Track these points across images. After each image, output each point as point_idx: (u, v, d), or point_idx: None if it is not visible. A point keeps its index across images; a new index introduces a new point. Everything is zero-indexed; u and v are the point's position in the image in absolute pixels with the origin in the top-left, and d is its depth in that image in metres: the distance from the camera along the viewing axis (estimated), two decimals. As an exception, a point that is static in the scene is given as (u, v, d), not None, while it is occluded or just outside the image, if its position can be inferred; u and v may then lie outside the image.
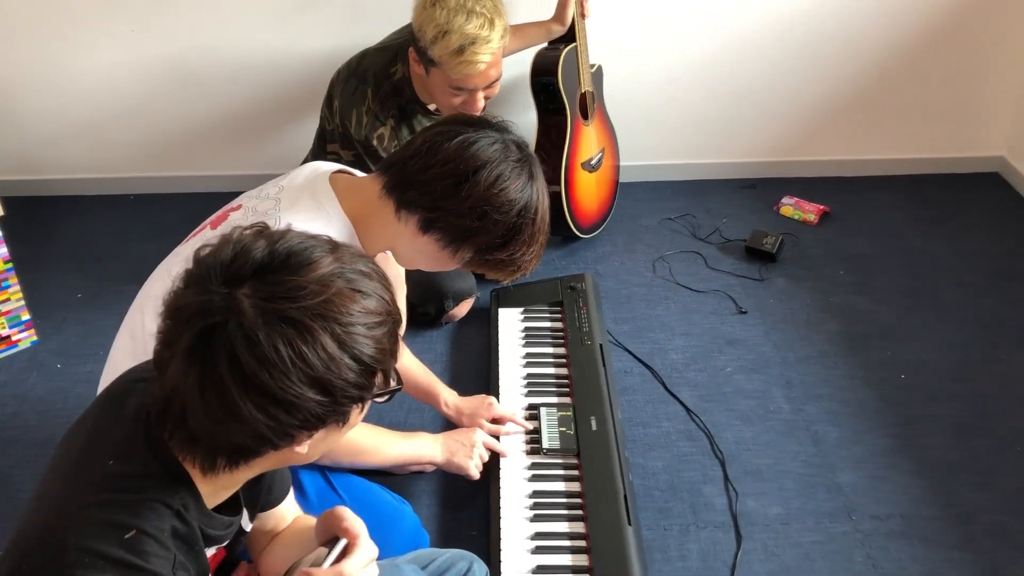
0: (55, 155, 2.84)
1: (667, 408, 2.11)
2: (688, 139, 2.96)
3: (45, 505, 0.90)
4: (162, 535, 0.88)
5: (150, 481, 0.90)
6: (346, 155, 2.15)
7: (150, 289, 1.45)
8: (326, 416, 0.88)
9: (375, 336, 0.88)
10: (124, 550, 0.85)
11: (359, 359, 0.86)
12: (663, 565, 1.73)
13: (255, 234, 0.91)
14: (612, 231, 2.75)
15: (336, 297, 0.85)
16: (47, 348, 2.25)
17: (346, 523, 1.03)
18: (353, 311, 0.86)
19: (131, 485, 0.89)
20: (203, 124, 2.81)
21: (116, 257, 2.61)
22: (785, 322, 2.39)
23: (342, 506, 1.06)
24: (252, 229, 0.92)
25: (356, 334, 0.86)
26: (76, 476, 0.91)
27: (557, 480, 1.76)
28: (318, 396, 0.85)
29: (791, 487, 1.90)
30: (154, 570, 0.85)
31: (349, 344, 0.85)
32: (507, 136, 1.36)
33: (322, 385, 0.84)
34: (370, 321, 0.88)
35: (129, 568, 0.84)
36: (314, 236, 0.92)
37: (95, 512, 0.87)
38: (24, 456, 1.94)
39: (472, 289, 2.32)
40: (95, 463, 0.91)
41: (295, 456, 0.94)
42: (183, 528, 0.91)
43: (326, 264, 0.87)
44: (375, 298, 0.89)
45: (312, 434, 0.90)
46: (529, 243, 1.37)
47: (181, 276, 0.89)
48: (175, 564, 0.88)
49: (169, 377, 0.84)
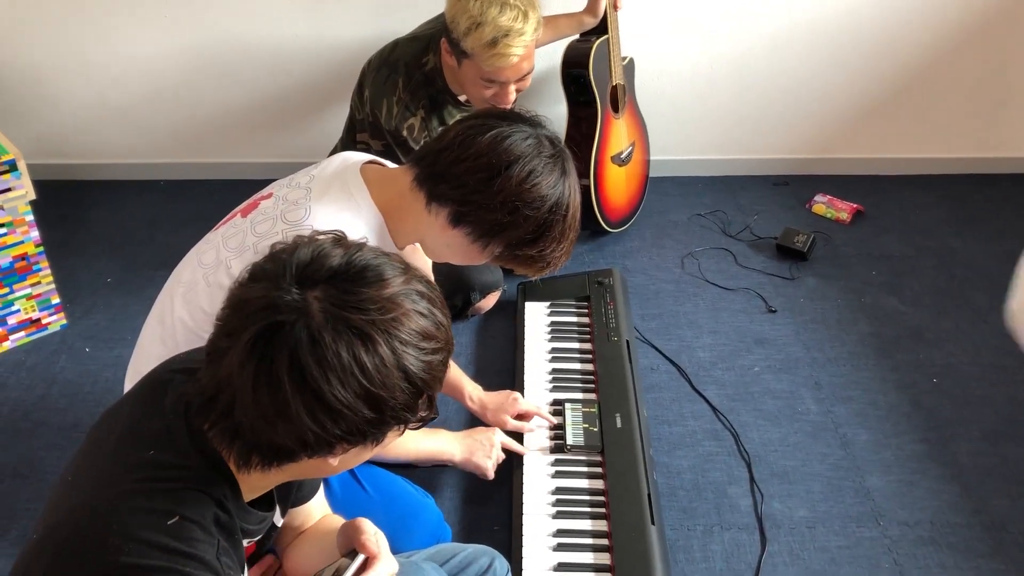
0: (87, 140, 2.86)
1: (693, 407, 2.09)
2: (720, 134, 2.93)
3: (84, 492, 0.90)
4: (205, 521, 0.88)
5: (191, 471, 0.90)
6: (375, 145, 2.15)
7: (180, 276, 1.46)
8: (368, 432, 0.88)
9: (431, 361, 0.89)
10: (168, 536, 0.85)
11: (412, 380, 0.87)
12: (686, 566, 1.72)
13: (333, 241, 0.92)
14: (641, 226, 2.73)
15: (403, 316, 0.86)
16: (76, 332, 2.27)
17: (365, 537, 1.03)
18: (415, 333, 0.87)
19: (172, 474, 0.89)
20: (234, 111, 2.82)
21: (146, 243, 2.62)
22: (815, 322, 2.36)
23: (363, 519, 1.06)
24: (330, 235, 0.94)
25: (413, 355, 0.87)
26: (115, 464, 0.91)
27: (581, 477, 1.75)
28: (367, 410, 0.85)
29: (818, 490, 1.88)
30: (199, 555, 0.86)
31: (406, 363, 0.86)
32: (540, 131, 1.35)
33: (374, 400, 0.85)
34: (429, 346, 0.89)
35: (173, 554, 0.84)
36: (388, 254, 0.93)
37: (137, 499, 0.87)
38: (52, 439, 1.96)
39: (499, 282, 2.31)
40: (135, 451, 0.92)
41: (326, 467, 0.94)
42: (225, 517, 0.92)
43: (397, 284, 0.88)
44: (437, 325, 0.91)
45: (349, 448, 0.90)
46: (560, 240, 1.36)
47: (248, 268, 0.90)
48: (219, 550, 0.89)
49: (224, 367, 0.85)
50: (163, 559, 0.84)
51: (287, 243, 0.92)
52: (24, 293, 2.18)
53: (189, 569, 0.84)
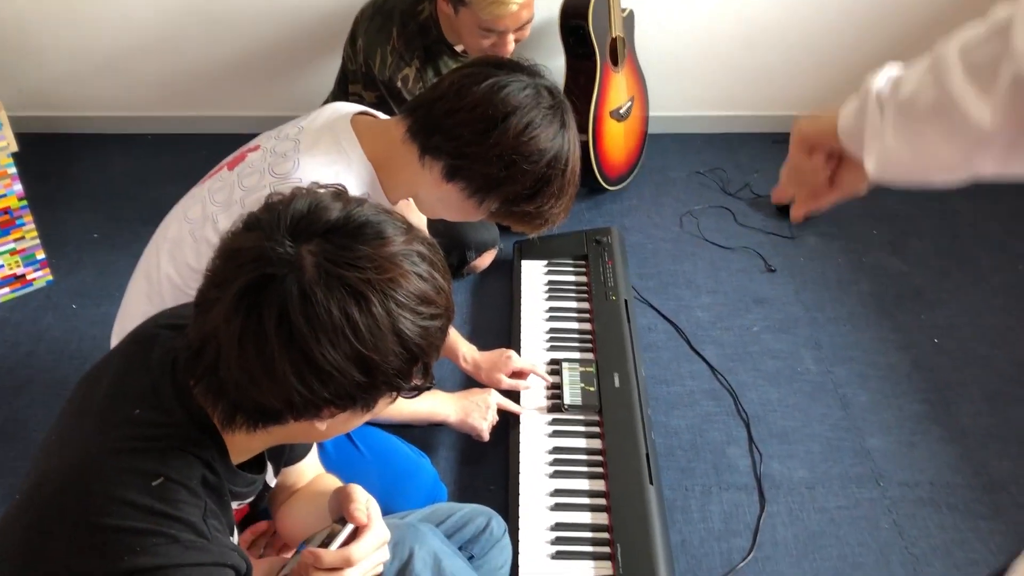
0: (72, 92, 2.78)
1: (691, 366, 2.06)
2: (720, 90, 2.87)
3: (68, 451, 0.87)
4: (191, 483, 0.85)
5: (177, 430, 0.87)
6: (369, 96, 2.09)
7: (166, 231, 1.41)
8: (357, 397, 0.84)
9: (428, 327, 0.84)
10: (152, 497, 0.82)
11: (407, 345, 0.83)
12: (684, 526, 1.70)
13: (333, 194, 0.87)
14: (639, 184, 2.68)
15: (401, 277, 0.82)
16: (62, 288, 2.23)
17: (354, 506, 0.98)
18: (413, 296, 0.83)
19: (158, 433, 0.86)
20: (223, 63, 2.74)
21: (133, 197, 2.56)
22: (815, 282, 2.33)
23: (355, 486, 1.02)
24: (331, 188, 0.89)
25: (410, 319, 0.82)
26: (100, 422, 0.88)
27: (578, 437, 1.72)
28: (358, 374, 0.81)
29: (817, 451, 1.86)
30: (184, 517, 0.83)
31: (401, 327, 0.81)
32: (539, 81, 1.29)
33: (365, 363, 0.81)
34: (427, 311, 0.84)
35: (158, 515, 0.81)
36: (390, 212, 0.88)
37: (122, 459, 0.84)
38: (39, 396, 1.92)
39: (495, 240, 2.27)
40: (120, 410, 0.88)
41: (313, 432, 0.90)
42: (213, 478, 0.88)
43: (398, 243, 0.84)
44: (437, 289, 0.86)
45: (337, 413, 0.86)
46: (558, 195, 1.31)
47: (242, 217, 0.86)
48: (206, 512, 0.85)
49: (210, 319, 0.81)
50: (147, 521, 0.81)
51: (284, 194, 0.87)
52: (8, 248, 2.13)
53: (173, 531, 0.81)
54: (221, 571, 0.84)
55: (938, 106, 0.75)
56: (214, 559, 0.83)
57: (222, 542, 0.86)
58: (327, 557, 0.95)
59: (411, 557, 1.12)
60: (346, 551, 0.95)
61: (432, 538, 1.17)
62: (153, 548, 0.79)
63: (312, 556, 0.95)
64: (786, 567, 1.63)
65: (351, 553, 0.95)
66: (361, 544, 0.97)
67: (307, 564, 0.95)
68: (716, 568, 1.63)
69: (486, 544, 1.40)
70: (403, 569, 1.11)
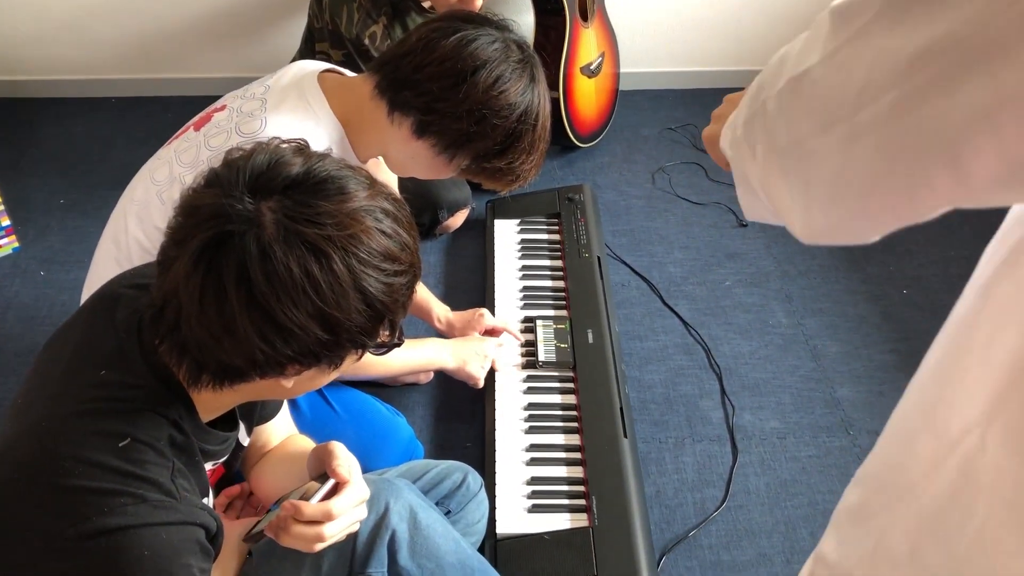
0: (34, 55, 2.72)
1: (664, 321, 2.08)
2: (691, 45, 2.86)
3: (34, 414, 0.86)
4: (158, 443, 0.85)
5: (143, 391, 0.86)
6: (336, 55, 2.06)
7: (133, 194, 1.39)
8: (321, 355, 0.84)
9: (392, 284, 0.84)
10: (118, 458, 0.82)
11: (370, 302, 0.82)
12: (658, 478, 1.73)
13: (295, 150, 0.86)
14: (611, 141, 2.68)
15: (363, 234, 0.81)
16: (30, 255, 2.19)
17: (337, 463, 0.99)
18: (376, 252, 0.82)
19: (125, 394, 0.86)
20: (187, 23, 2.69)
21: (99, 162, 2.52)
22: (786, 235, 2.34)
23: (337, 443, 1.02)
24: (292, 144, 0.88)
25: (373, 276, 0.82)
26: (66, 385, 0.88)
27: (553, 393, 1.73)
28: (320, 331, 0.81)
29: (789, 401, 1.89)
30: (151, 477, 0.83)
31: (364, 284, 0.81)
32: (508, 35, 1.28)
33: (327, 321, 0.81)
34: (391, 268, 0.84)
35: (125, 476, 0.81)
36: (353, 168, 0.87)
37: (87, 421, 0.84)
38: (8, 363, 1.90)
39: (467, 199, 2.26)
40: (86, 371, 0.88)
41: (279, 389, 0.90)
42: (181, 438, 0.88)
43: (360, 199, 0.83)
44: (401, 245, 0.85)
45: (302, 370, 0.86)
46: (529, 151, 1.31)
47: (203, 173, 0.85)
48: (174, 472, 0.85)
49: (171, 277, 0.80)
50: (114, 481, 0.81)
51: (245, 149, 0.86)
52: (-28, 216, 2.10)
53: (141, 491, 0.81)
54: (190, 529, 0.84)
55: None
56: (183, 518, 0.83)
57: (191, 501, 0.86)
58: (308, 510, 0.95)
59: (387, 511, 1.13)
60: (326, 505, 0.96)
61: (408, 492, 1.18)
62: (121, 508, 0.80)
63: (293, 508, 0.95)
64: (758, 515, 1.67)
65: (331, 507, 0.96)
66: (342, 499, 0.97)
67: (287, 516, 0.96)
68: (690, 518, 1.66)
69: (463, 499, 1.41)
70: (379, 522, 1.12)
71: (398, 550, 1.12)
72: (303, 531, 0.96)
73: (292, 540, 0.96)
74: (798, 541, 1.62)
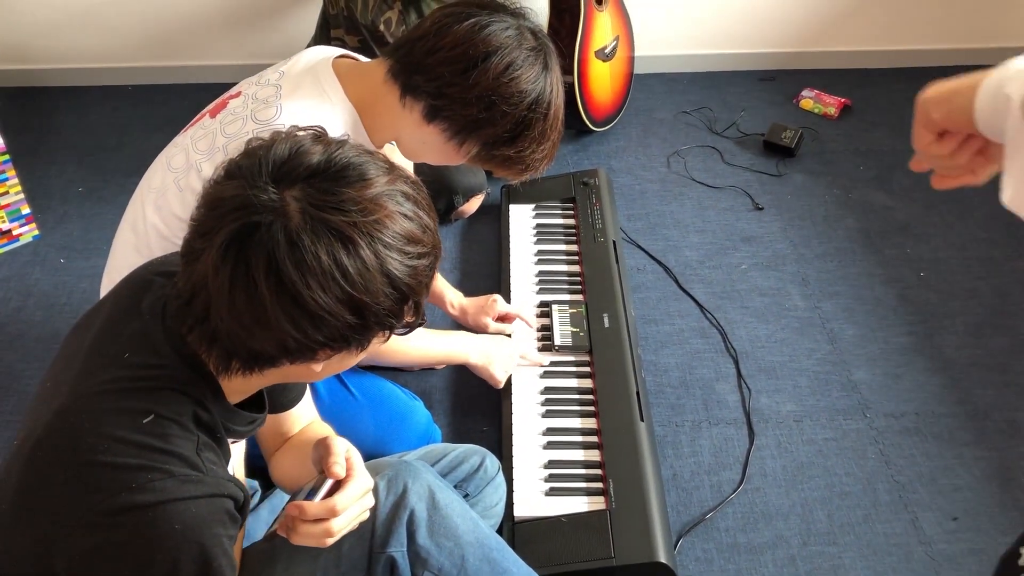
0: (50, 44, 2.73)
1: (680, 305, 2.08)
2: (706, 28, 2.84)
3: (60, 396, 0.88)
4: (182, 419, 0.86)
5: (168, 371, 0.88)
6: (351, 41, 2.06)
7: (150, 182, 1.40)
8: (351, 338, 0.85)
9: (416, 266, 0.86)
10: (142, 434, 0.83)
11: (396, 285, 0.84)
12: (674, 461, 1.73)
13: (313, 137, 0.87)
14: (626, 125, 2.67)
15: (386, 218, 0.83)
16: (49, 243, 2.22)
17: (331, 460, 0.98)
18: (400, 236, 0.84)
19: (148, 374, 0.87)
20: (203, 10, 2.69)
21: (117, 149, 2.54)
22: (802, 218, 2.34)
23: (333, 439, 1.02)
24: (310, 131, 0.89)
25: (398, 260, 0.83)
26: (90, 365, 0.89)
27: (569, 377, 1.74)
28: (349, 315, 0.82)
29: (805, 384, 1.89)
30: (176, 451, 0.84)
31: (390, 268, 0.83)
32: (522, 22, 1.28)
33: (356, 305, 0.82)
34: (414, 250, 0.85)
35: (150, 450, 0.82)
36: (371, 153, 0.88)
37: (111, 399, 0.85)
38: (31, 351, 1.93)
39: (482, 185, 2.26)
40: (110, 353, 0.89)
41: (309, 373, 0.92)
42: (206, 416, 0.89)
43: (381, 184, 0.84)
44: (423, 228, 0.87)
45: (332, 355, 0.87)
46: (539, 140, 1.30)
47: (224, 164, 0.86)
48: (199, 445, 0.87)
49: (198, 270, 0.81)
50: (139, 456, 0.82)
51: (264, 139, 0.87)
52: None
53: (168, 466, 0.83)
54: (218, 501, 0.85)
55: None
56: (210, 491, 0.85)
57: (217, 473, 0.87)
58: (311, 509, 0.96)
59: (405, 491, 1.14)
60: (330, 502, 0.96)
61: (426, 473, 1.19)
62: (149, 484, 0.81)
63: (296, 509, 0.96)
64: (775, 498, 1.67)
65: (335, 503, 0.96)
66: (344, 494, 0.98)
67: (292, 516, 0.97)
68: (707, 500, 1.67)
69: (480, 483, 1.42)
70: (398, 502, 1.13)
71: (417, 529, 1.13)
72: (310, 530, 0.96)
73: (302, 539, 0.97)
74: (815, 523, 1.63)
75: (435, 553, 1.15)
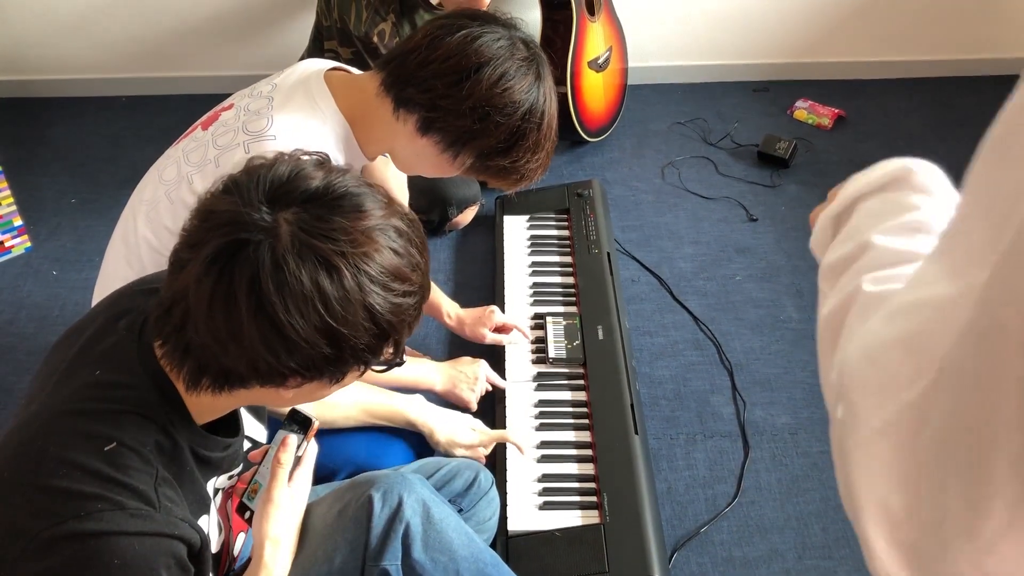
0: (42, 55, 2.73)
1: (675, 317, 2.07)
2: (699, 39, 2.85)
3: (31, 413, 0.87)
4: (143, 449, 0.84)
5: (135, 392, 0.86)
6: (344, 53, 2.06)
7: (142, 194, 1.39)
8: (324, 369, 0.84)
9: (400, 304, 0.85)
10: (103, 462, 0.81)
11: (377, 320, 0.83)
12: (669, 474, 1.72)
13: (316, 163, 0.87)
14: (620, 136, 2.67)
15: (375, 252, 0.82)
16: (41, 255, 2.21)
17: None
18: (386, 271, 0.83)
19: (116, 395, 0.86)
20: (196, 22, 2.69)
21: (109, 161, 2.53)
22: (797, 229, 2.34)
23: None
24: (314, 156, 0.88)
25: (381, 295, 0.82)
26: (63, 384, 0.88)
27: (563, 389, 1.73)
28: (325, 345, 0.81)
29: (800, 397, 1.88)
30: (133, 484, 0.82)
31: (371, 301, 0.82)
32: (515, 33, 1.28)
33: (333, 335, 0.81)
34: (400, 287, 0.84)
35: (107, 481, 0.81)
36: (372, 185, 0.87)
37: (77, 421, 0.84)
38: (22, 363, 1.92)
39: (477, 196, 2.26)
40: (83, 371, 0.88)
41: (278, 398, 0.90)
42: (168, 443, 0.88)
43: (376, 217, 0.84)
44: (412, 266, 0.86)
45: (303, 383, 0.86)
46: (534, 150, 1.30)
47: (222, 179, 0.85)
48: (157, 479, 0.84)
49: (181, 278, 0.80)
50: (95, 486, 0.80)
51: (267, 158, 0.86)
52: (-16, 216, 2.11)
53: (121, 498, 0.80)
54: (166, 542, 0.83)
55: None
56: (159, 529, 0.82)
57: (172, 512, 0.84)
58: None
59: (400, 504, 1.13)
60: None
61: (421, 487, 1.18)
62: (98, 513, 0.79)
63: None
64: (770, 511, 1.66)
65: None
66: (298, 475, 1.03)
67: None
68: (702, 514, 1.66)
69: (474, 497, 1.41)
70: (393, 516, 1.12)
71: (412, 544, 1.12)
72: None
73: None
74: (810, 537, 1.62)
75: (430, 568, 1.14)
